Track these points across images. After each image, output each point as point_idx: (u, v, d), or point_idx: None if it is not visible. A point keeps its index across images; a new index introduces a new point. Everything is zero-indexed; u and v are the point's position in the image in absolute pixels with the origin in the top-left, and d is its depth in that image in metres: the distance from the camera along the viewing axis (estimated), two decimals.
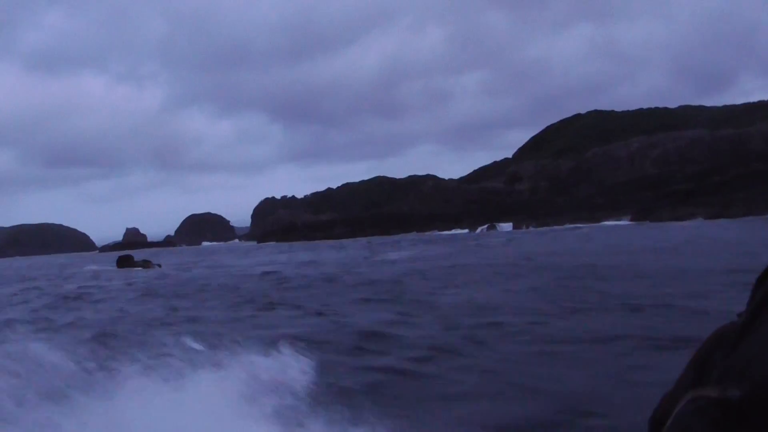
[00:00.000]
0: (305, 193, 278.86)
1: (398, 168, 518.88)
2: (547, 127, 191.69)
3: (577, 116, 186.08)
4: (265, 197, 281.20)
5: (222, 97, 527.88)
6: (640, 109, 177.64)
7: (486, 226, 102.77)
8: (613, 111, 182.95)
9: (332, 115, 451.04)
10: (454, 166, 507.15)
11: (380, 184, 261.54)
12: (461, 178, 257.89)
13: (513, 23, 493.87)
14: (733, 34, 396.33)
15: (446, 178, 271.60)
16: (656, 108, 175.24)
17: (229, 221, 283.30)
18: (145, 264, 51.55)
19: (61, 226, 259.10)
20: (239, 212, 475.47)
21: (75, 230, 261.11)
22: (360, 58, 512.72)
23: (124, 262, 50.85)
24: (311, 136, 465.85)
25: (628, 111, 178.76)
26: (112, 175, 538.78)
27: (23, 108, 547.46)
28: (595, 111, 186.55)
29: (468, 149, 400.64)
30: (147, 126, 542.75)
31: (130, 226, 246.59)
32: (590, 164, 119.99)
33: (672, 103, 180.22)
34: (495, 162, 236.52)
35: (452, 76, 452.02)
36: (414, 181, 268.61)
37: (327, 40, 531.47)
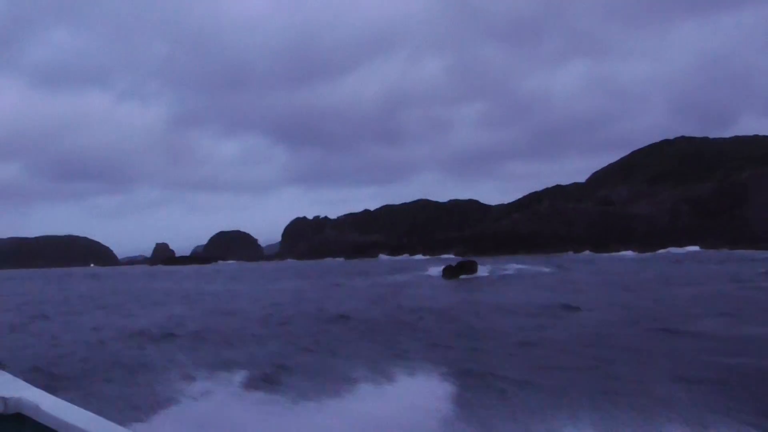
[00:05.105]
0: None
1: (404, 194, 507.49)
2: (632, 153, 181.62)
3: (666, 142, 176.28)
4: (296, 217, 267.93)
5: (224, 117, 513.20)
6: (737, 137, 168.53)
7: (661, 249, 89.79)
8: (706, 137, 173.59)
9: (334, 139, 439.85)
10: (463, 193, 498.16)
11: (423, 206, 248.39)
12: (501, 205, 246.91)
13: (509, 57, 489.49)
14: (732, 75, 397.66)
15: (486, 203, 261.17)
16: (755, 136, 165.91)
17: (256, 239, 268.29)
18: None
19: (86, 238, 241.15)
20: (254, 230, 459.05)
21: (99, 243, 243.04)
22: (360, 86, 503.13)
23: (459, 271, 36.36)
24: (314, 159, 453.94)
25: (722, 138, 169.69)
26: (119, 190, 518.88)
27: (29, 122, 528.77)
28: (683, 137, 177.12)
29: (470, 178, 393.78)
30: (152, 143, 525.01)
31: (158, 241, 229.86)
32: (745, 188, 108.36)
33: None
34: (548, 188, 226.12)
35: (452, 106, 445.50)
36: (458, 204, 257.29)
37: (327, 68, 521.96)
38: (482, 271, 35.86)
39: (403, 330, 16.35)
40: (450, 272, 36.07)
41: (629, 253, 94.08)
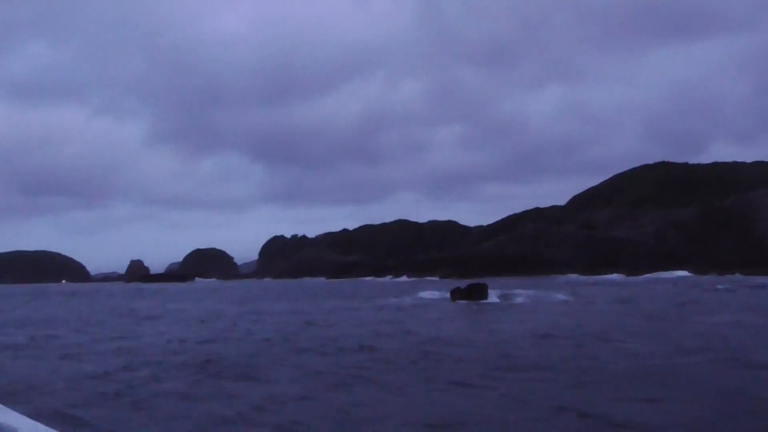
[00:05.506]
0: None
1: (382, 214, 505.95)
2: (613, 177, 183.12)
3: (647, 167, 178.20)
4: (273, 235, 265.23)
5: (201, 135, 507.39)
6: (716, 163, 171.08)
7: (648, 273, 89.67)
8: (686, 163, 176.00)
9: (311, 159, 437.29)
10: (441, 214, 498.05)
11: (403, 227, 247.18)
12: (480, 227, 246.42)
13: (486, 80, 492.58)
14: (703, 103, 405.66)
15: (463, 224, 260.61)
16: (734, 162, 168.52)
17: (233, 258, 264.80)
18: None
19: (58, 254, 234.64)
20: (230, 248, 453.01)
21: (72, 259, 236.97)
22: (338, 106, 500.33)
23: (472, 294, 34.96)
24: (291, 178, 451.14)
25: (700, 164, 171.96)
26: (92, 206, 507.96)
27: (1, 136, 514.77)
28: (663, 162, 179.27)
29: (448, 199, 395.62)
30: (127, 159, 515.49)
31: (130, 258, 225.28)
32: (730, 213, 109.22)
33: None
34: (527, 211, 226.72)
35: (429, 127, 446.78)
36: (437, 225, 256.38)
37: (305, 87, 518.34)
38: (491, 296, 34.62)
39: (443, 361, 14.89)
40: (459, 296, 34.74)
41: (617, 276, 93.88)
